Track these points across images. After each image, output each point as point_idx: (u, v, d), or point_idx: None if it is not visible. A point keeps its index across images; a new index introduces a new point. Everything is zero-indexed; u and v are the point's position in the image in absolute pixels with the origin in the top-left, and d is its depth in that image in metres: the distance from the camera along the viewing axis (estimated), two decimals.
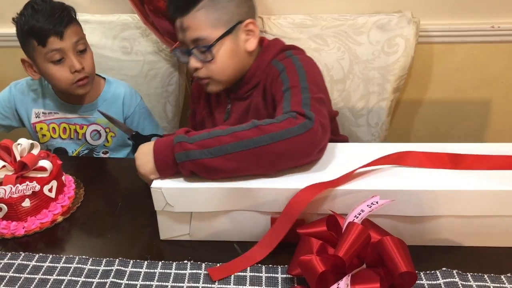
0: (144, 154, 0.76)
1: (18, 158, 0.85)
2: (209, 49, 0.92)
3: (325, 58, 1.34)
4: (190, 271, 0.70)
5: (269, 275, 0.69)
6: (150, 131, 1.24)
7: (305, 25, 1.35)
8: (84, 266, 0.72)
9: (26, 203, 0.82)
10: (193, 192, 0.72)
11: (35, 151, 0.88)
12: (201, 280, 0.68)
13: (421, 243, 0.72)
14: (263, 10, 1.39)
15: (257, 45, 0.98)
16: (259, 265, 0.70)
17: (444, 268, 0.68)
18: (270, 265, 0.70)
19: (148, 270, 0.71)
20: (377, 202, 0.63)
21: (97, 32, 1.43)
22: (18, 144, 0.86)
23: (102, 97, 1.22)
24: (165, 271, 0.71)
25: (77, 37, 1.10)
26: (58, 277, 0.71)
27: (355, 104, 1.38)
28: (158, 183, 0.73)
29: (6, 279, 0.71)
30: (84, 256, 0.74)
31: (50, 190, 0.85)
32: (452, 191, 0.68)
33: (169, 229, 0.77)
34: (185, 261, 0.72)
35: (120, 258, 0.73)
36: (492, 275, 0.67)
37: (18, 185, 0.81)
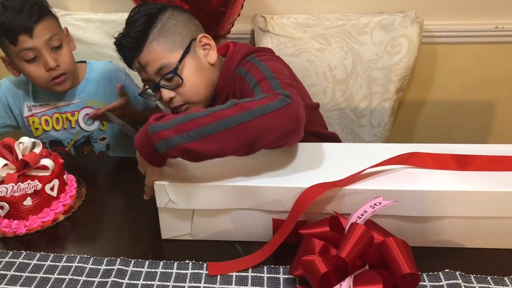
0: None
1: (20, 156, 0.85)
2: (175, 72, 0.93)
3: (328, 58, 1.34)
4: (192, 271, 0.70)
5: (271, 275, 0.69)
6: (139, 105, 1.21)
7: (308, 25, 1.34)
8: (86, 265, 0.72)
9: (28, 201, 0.82)
10: (196, 189, 0.71)
11: (37, 150, 0.88)
12: (202, 280, 0.68)
13: (424, 244, 0.72)
14: (266, 10, 1.39)
15: (220, 54, 1.00)
16: (261, 265, 0.70)
17: (447, 270, 0.67)
18: (272, 266, 0.70)
19: (150, 270, 0.71)
20: (380, 203, 0.63)
21: (99, 31, 1.43)
22: (20, 143, 0.86)
23: (86, 78, 1.20)
24: (167, 270, 0.70)
25: (50, 33, 1.05)
26: (59, 276, 0.70)
27: (358, 104, 1.38)
28: (161, 180, 0.72)
29: (7, 278, 0.71)
30: (85, 255, 0.74)
31: (51, 188, 0.85)
32: (455, 192, 0.68)
33: (171, 228, 0.76)
34: (187, 261, 0.72)
35: (121, 258, 0.73)
36: (495, 277, 0.67)
37: (20, 183, 0.81)
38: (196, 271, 0.70)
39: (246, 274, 0.69)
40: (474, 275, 0.67)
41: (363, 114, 1.39)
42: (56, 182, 0.86)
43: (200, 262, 0.71)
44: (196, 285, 0.67)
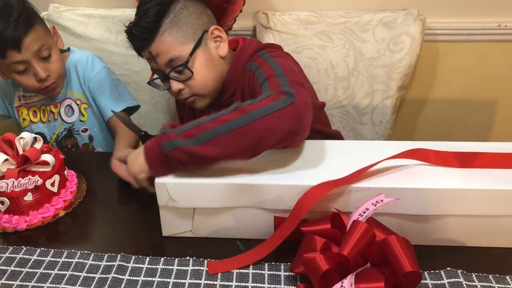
0: (135, 154, 0.78)
1: (20, 151, 0.85)
2: (185, 65, 0.92)
3: (330, 55, 1.34)
4: (192, 268, 0.70)
5: (271, 272, 0.68)
6: (108, 105, 1.16)
7: (310, 22, 1.34)
8: (86, 261, 0.72)
9: (28, 197, 0.82)
10: (197, 187, 0.71)
11: (38, 145, 0.88)
12: (203, 277, 0.68)
13: (426, 242, 0.72)
14: (268, 6, 1.38)
15: (230, 48, 0.99)
16: (262, 262, 0.70)
17: (448, 268, 0.67)
18: (273, 263, 0.70)
19: (150, 266, 0.71)
20: (382, 201, 0.63)
21: (100, 26, 1.42)
22: (21, 138, 0.86)
23: (66, 67, 1.19)
24: (167, 267, 0.70)
25: (38, 44, 1.03)
26: (59, 272, 0.70)
27: (360, 102, 1.37)
28: (162, 178, 0.72)
29: (8, 273, 0.70)
30: (86, 251, 0.74)
31: (52, 184, 0.85)
32: (458, 190, 0.67)
33: (171, 226, 0.76)
34: (187, 258, 0.72)
35: (122, 254, 0.73)
36: (497, 275, 0.67)
37: (20, 179, 0.81)
38: (196, 267, 0.70)
39: (247, 271, 0.69)
40: (475, 274, 0.67)
41: (365, 112, 1.38)
42: (56, 177, 0.86)
43: (201, 259, 0.71)
44: (197, 281, 0.67)
